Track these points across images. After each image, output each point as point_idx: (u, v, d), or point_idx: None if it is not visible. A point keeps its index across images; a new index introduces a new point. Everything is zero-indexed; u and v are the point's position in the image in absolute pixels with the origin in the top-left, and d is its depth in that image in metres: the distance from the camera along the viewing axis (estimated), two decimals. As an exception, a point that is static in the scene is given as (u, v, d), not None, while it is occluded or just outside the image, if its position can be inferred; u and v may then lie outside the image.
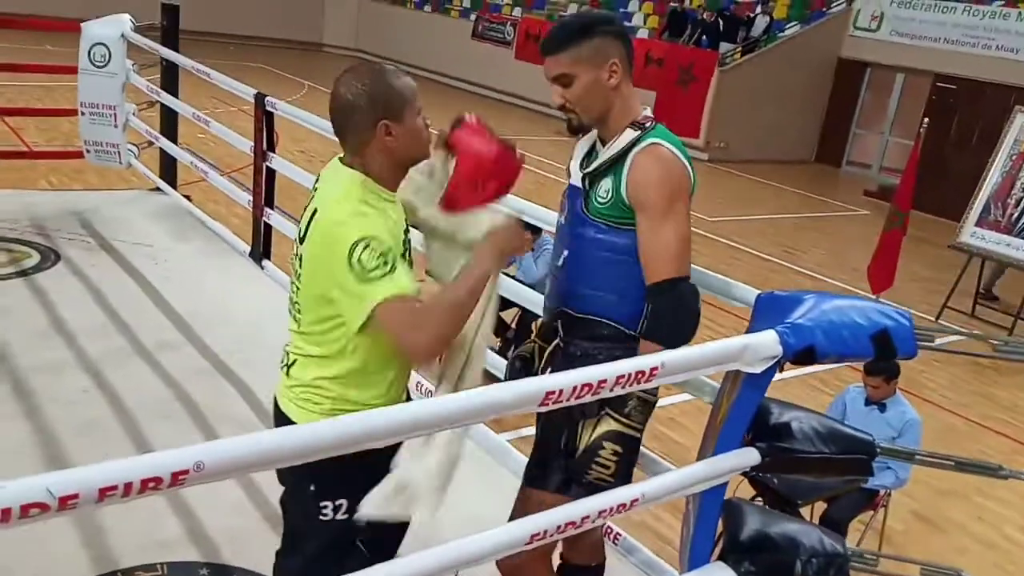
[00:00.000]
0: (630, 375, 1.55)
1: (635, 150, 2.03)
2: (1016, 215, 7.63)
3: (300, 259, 1.91)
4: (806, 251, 9.81)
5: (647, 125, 2.06)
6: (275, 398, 2.05)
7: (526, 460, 2.81)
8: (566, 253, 2.16)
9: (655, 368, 1.58)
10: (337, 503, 1.93)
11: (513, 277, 4.69)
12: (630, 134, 2.04)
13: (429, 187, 2.07)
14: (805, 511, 3.89)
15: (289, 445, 1.17)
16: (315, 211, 1.87)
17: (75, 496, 1.02)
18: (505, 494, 2.47)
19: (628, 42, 2.09)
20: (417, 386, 3.20)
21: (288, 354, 1.99)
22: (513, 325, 5.37)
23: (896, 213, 7.72)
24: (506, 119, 16.38)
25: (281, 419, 2.00)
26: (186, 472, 1.11)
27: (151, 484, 1.07)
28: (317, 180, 2.00)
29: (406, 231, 1.99)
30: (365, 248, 1.73)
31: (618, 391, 1.56)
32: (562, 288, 2.19)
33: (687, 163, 2.05)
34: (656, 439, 4.18)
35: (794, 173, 14.87)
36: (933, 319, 7.85)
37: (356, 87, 1.84)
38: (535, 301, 2.86)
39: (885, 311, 1.85)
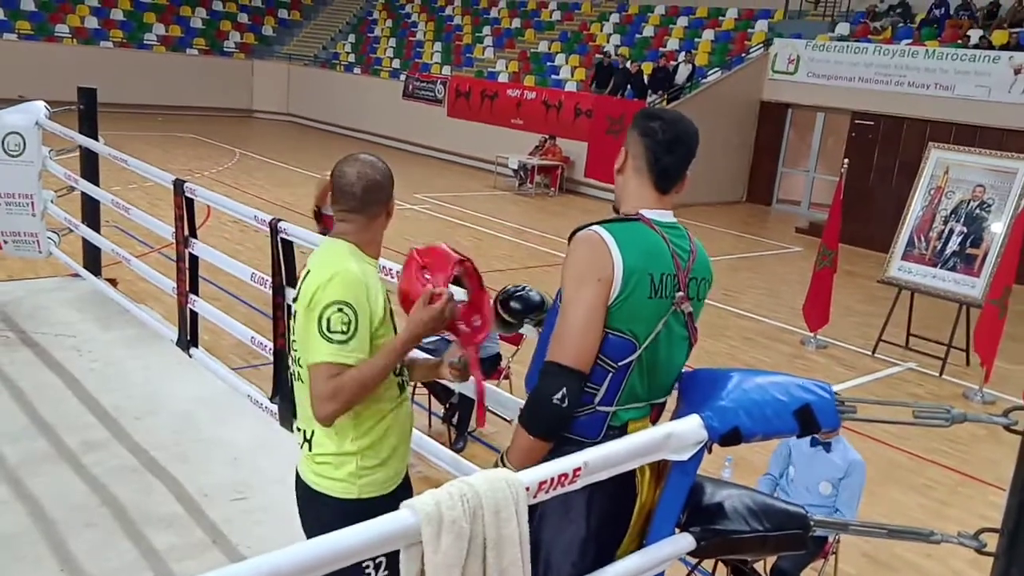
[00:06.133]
0: (553, 479, 1.50)
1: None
2: (939, 247, 7.88)
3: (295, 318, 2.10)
4: (743, 292, 9.96)
5: (619, 215, 2.10)
6: (296, 473, 2.15)
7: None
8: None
9: (578, 469, 1.53)
10: (378, 560, 1.96)
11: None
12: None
13: None
14: (757, 563, 3.89)
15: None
16: (307, 273, 2.08)
17: None
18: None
19: (650, 139, 2.07)
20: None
21: (302, 431, 2.12)
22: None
23: (825, 252, 7.92)
24: (442, 175, 16.46)
25: (304, 490, 2.12)
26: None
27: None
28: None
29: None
30: (337, 311, 1.94)
31: (543, 496, 1.52)
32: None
33: (617, 252, 1.93)
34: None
35: (727, 214, 15.19)
36: (870, 353, 8.00)
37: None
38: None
39: (806, 386, 1.85)
